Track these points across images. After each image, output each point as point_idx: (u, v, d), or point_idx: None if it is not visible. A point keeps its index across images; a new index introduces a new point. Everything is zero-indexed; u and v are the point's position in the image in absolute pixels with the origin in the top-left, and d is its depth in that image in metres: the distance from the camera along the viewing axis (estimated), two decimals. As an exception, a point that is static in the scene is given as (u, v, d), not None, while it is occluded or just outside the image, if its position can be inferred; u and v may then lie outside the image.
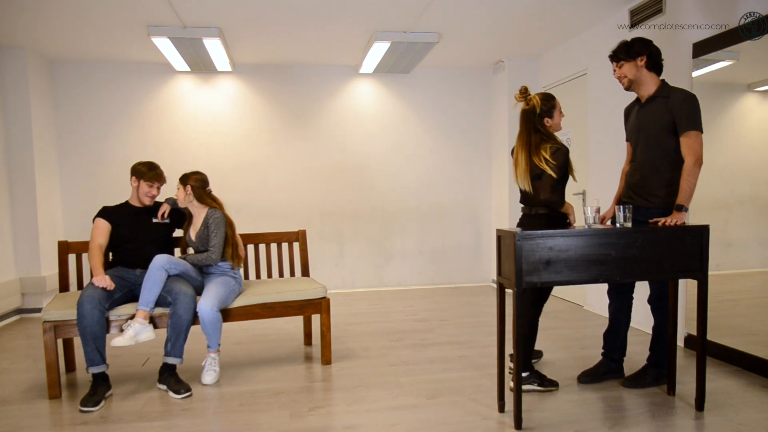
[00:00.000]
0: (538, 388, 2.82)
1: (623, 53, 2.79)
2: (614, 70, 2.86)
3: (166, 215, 3.33)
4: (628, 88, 2.86)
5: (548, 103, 2.80)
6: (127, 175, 3.33)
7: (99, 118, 5.43)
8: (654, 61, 2.78)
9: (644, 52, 2.76)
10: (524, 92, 2.81)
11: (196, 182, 3.26)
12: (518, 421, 2.40)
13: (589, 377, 2.99)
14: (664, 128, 2.71)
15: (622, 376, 2.99)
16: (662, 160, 2.74)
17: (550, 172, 2.67)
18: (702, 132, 2.64)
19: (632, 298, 2.99)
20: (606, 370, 2.99)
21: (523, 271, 2.32)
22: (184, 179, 3.27)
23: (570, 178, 2.82)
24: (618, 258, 2.40)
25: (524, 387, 2.78)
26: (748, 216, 3.30)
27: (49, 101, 5.26)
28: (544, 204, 2.75)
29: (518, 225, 2.93)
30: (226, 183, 5.54)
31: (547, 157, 2.67)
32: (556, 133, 2.89)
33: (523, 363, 2.78)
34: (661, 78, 2.81)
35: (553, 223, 2.76)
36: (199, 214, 3.31)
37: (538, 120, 2.78)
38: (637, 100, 2.90)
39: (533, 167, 2.73)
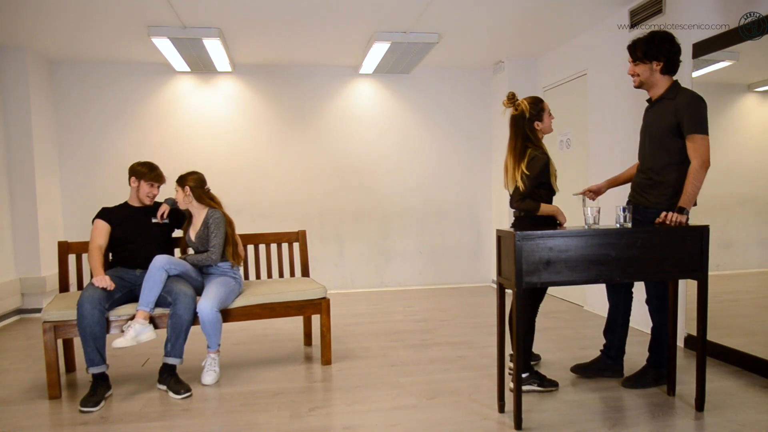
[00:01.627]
0: (538, 388, 2.82)
1: (641, 53, 2.71)
2: (629, 62, 2.81)
3: (165, 215, 3.33)
4: (638, 87, 2.84)
5: (537, 106, 2.80)
6: (127, 175, 3.32)
7: (99, 118, 5.43)
8: (670, 65, 2.71)
9: (662, 57, 2.68)
10: (512, 98, 2.81)
11: (194, 182, 3.26)
12: (518, 422, 2.40)
13: (580, 371, 3.01)
14: (667, 130, 2.69)
15: (620, 374, 2.99)
16: (665, 161, 2.72)
17: (520, 183, 2.71)
18: (707, 134, 2.61)
19: (631, 297, 2.99)
20: (599, 367, 3.00)
21: (523, 272, 2.32)
22: (182, 181, 3.27)
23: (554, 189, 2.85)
24: (618, 258, 2.40)
25: (524, 387, 2.78)
26: (748, 216, 3.30)
27: (49, 101, 5.26)
28: (517, 209, 2.79)
29: (511, 227, 2.94)
30: (226, 183, 5.54)
31: (523, 168, 2.69)
32: (547, 135, 2.91)
33: (522, 363, 2.78)
34: (673, 78, 2.77)
35: (541, 225, 2.76)
36: (199, 214, 3.30)
37: (528, 125, 2.78)
38: (649, 99, 2.88)
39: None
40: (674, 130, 2.67)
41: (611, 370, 3.00)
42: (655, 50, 2.69)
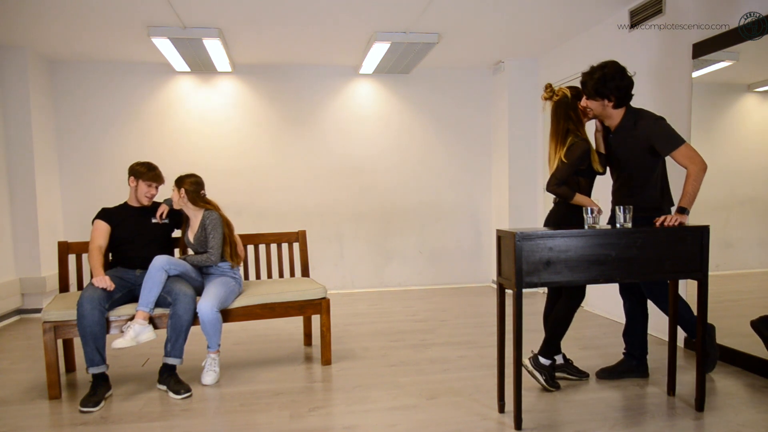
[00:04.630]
0: (543, 383, 2.82)
1: (593, 91, 2.71)
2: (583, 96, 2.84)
3: (164, 215, 3.33)
4: (592, 119, 2.89)
5: (575, 89, 2.84)
6: (127, 175, 3.32)
7: (99, 118, 5.43)
8: (621, 101, 2.71)
9: (613, 96, 2.68)
10: (549, 87, 2.83)
11: (191, 186, 3.24)
12: (518, 422, 2.40)
13: (607, 373, 3.02)
14: (638, 154, 2.74)
15: (645, 375, 3.01)
16: (643, 181, 2.78)
17: (553, 168, 2.76)
18: (686, 141, 2.65)
19: (645, 298, 3.01)
20: (626, 368, 3.02)
21: (523, 272, 2.32)
22: (179, 182, 3.26)
23: (596, 170, 2.87)
24: (618, 258, 2.40)
25: (533, 370, 2.82)
26: (748, 216, 3.30)
27: (49, 101, 5.26)
28: (551, 193, 2.82)
29: (548, 214, 2.99)
30: (226, 183, 5.54)
31: (561, 155, 2.72)
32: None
33: (545, 350, 2.85)
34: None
35: (577, 215, 2.78)
36: (196, 216, 3.30)
37: (572, 105, 2.80)
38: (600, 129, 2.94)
39: None
40: (645, 151, 2.72)
41: (637, 371, 3.02)
42: (605, 90, 2.68)
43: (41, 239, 4.98)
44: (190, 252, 3.42)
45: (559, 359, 3.02)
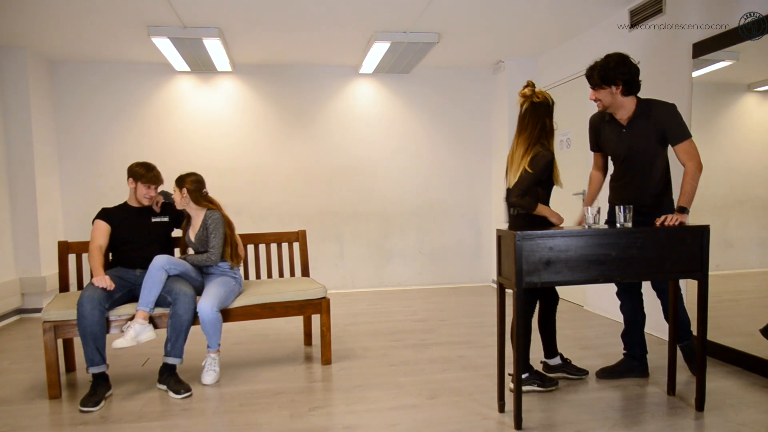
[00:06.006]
0: (538, 388, 2.82)
1: (599, 79, 2.71)
2: (591, 89, 2.81)
3: (159, 204, 3.33)
4: (603, 111, 2.85)
5: (551, 99, 2.77)
6: (126, 176, 3.32)
7: (99, 118, 5.43)
8: (630, 87, 2.70)
9: (619, 81, 2.68)
10: (533, 85, 2.74)
11: (192, 185, 3.24)
12: (518, 422, 2.40)
13: (607, 373, 3.02)
14: (655, 146, 2.75)
15: (645, 374, 3.02)
16: (658, 173, 2.78)
17: (517, 178, 2.64)
18: (691, 136, 2.67)
19: (642, 294, 3.02)
20: (626, 368, 3.03)
21: (523, 272, 2.32)
22: (180, 182, 3.25)
23: (556, 184, 2.78)
24: (618, 258, 2.40)
25: (524, 388, 2.78)
26: (748, 216, 3.30)
27: (49, 101, 5.26)
28: (514, 205, 2.71)
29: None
30: (225, 183, 5.54)
31: (526, 165, 2.62)
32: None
33: (523, 364, 2.78)
34: (638, 95, 2.78)
35: (536, 226, 2.70)
36: (198, 215, 3.30)
37: (550, 112, 2.71)
38: (612, 117, 2.85)
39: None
40: (660, 142, 2.73)
41: (637, 371, 3.02)
42: (611, 75, 2.68)
43: (41, 239, 4.98)
44: (191, 251, 3.42)
45: (557, 360, 3.02)
